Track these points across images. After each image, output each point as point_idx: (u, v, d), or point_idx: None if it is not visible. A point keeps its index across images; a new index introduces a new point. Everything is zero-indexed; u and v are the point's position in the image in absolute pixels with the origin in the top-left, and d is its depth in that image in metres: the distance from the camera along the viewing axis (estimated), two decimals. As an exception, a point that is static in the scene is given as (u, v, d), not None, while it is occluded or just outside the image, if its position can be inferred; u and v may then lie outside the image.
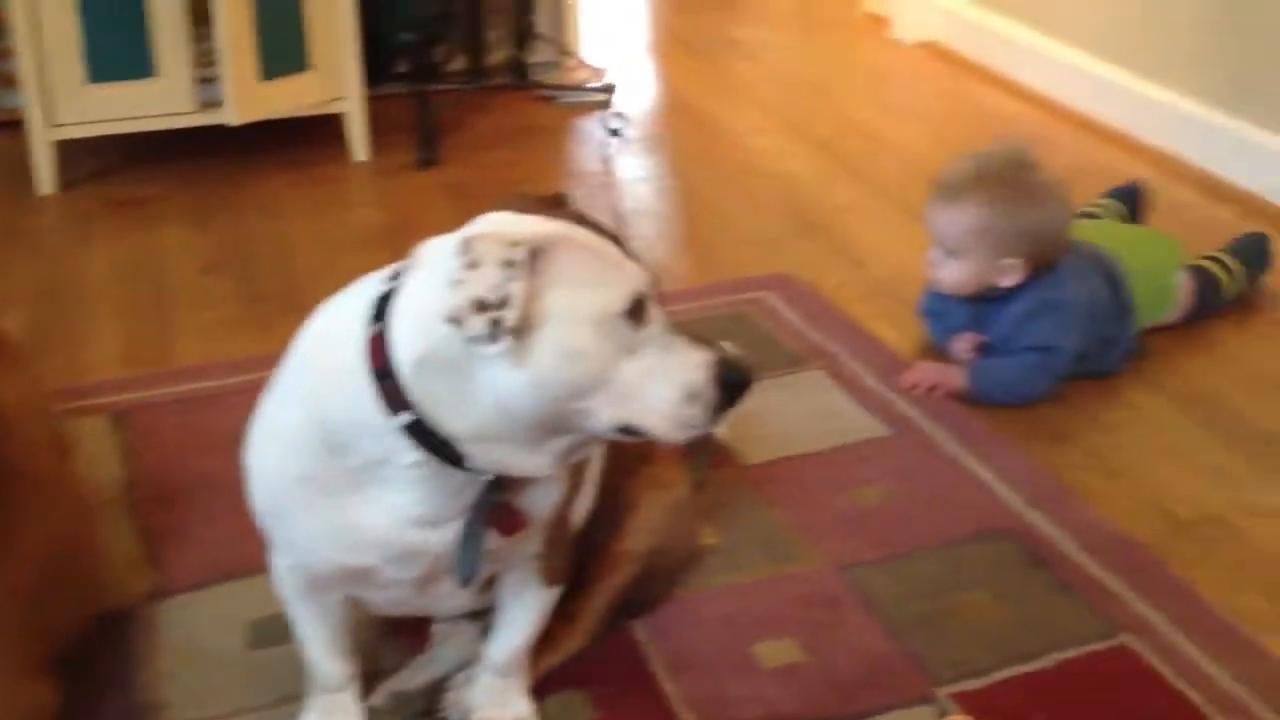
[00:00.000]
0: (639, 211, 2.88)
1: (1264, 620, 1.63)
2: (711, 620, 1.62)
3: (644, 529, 1.57)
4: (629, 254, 1.17)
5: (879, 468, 1.94)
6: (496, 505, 1.20)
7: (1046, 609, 1.64)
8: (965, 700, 1.48)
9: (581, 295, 1.10)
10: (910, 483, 1.90)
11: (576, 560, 1.54)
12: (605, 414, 1.13)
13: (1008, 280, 2.08)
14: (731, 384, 1.16)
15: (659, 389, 1.14)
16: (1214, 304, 2.34)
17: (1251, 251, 2.42)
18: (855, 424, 2.05)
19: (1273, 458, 1.97)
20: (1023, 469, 1.92)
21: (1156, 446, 2.00)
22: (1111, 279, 2.16)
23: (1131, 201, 2.57)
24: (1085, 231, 2.26)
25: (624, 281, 1.13)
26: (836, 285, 2.51)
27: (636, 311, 1.13)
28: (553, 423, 1.14)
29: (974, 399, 2.10)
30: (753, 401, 2.09)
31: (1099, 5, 3.35)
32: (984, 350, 2.16)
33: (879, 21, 4.11)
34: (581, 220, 1.19)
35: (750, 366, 1.19)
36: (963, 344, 2.18)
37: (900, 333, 2.33)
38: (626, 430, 1.15)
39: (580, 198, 2.96)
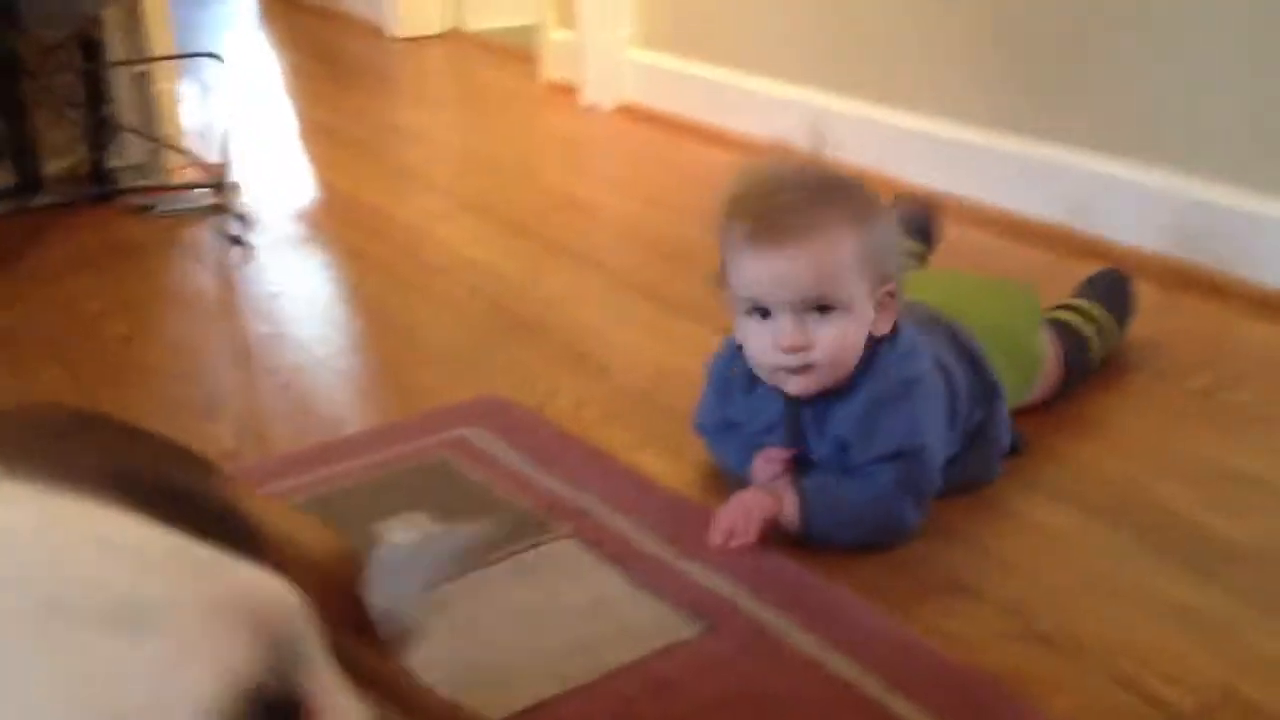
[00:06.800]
0: (277, 336, 2.06)
1: None
2: None
3: None
4: None
5: (688, 699, 1.17)
6: None
7: None
8: None
9: None
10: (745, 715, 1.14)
11: None
12: None
13: (885, 323, 1.39)
14: None
15: None
16: (1084, 367, 1.71)
17: (1112, 296, 1.81)
18: (637, 622, 1.28)
19: (1244, 575, 1.32)
20: (919, 657, 1.19)
21: (1092, 582, 1.32)
22: (965, 349, 1.50)
23: (923, 233, 1.96)
24: (911, 285, 1.60)
25: None
26: (573, 405, 1.76)
27: None
28: None
29: (809, 540, 1.38)
30: (472, 608, 1.33)
31: (811, 32, 2.79)
32: (803, 466, 1.44)
33: (566, 90, 3.46)
34: None
35: None
36: (768, 465, 1.45)
37: (676, 462, 1.59)
38: None
39: (193, 327, 2.12)
